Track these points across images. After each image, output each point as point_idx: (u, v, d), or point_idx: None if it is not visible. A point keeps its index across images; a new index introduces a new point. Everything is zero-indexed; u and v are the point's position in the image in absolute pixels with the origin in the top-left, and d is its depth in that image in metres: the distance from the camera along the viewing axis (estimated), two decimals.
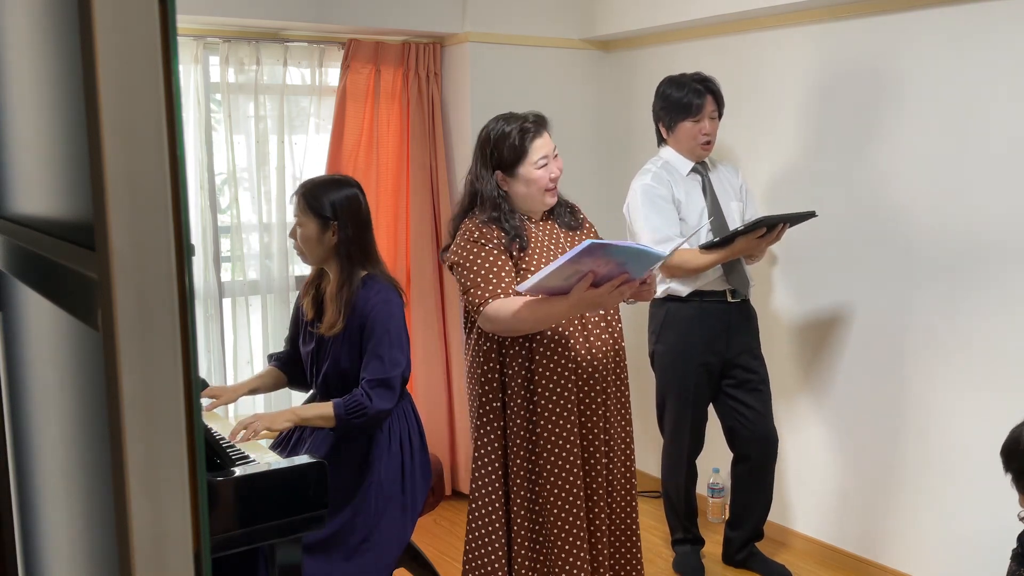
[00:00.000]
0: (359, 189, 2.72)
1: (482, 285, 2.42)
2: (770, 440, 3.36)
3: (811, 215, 3.17)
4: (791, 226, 3.18)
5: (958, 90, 3.02)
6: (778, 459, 3.47)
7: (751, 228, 3.06)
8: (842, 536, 3.54)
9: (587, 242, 2.07)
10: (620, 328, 2.62)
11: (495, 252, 2.46)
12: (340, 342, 2.66)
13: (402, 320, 2.69)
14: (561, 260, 2.11)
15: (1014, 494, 2.14)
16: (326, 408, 2.61)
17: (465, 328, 2.61)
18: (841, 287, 3.45)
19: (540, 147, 2.50)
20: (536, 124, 2.53)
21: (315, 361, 2.74)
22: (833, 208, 3.40)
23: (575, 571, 2.48)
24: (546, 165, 2.49)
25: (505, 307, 2.37)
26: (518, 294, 2.42)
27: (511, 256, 2.48)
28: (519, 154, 2.49)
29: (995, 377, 3.01)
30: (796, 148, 3.56)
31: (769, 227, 3.09)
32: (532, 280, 2.22)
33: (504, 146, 2.50)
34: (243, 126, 3.80)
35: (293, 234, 2.70)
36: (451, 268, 2.53)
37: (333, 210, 2.63)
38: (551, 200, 2.55)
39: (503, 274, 2.44)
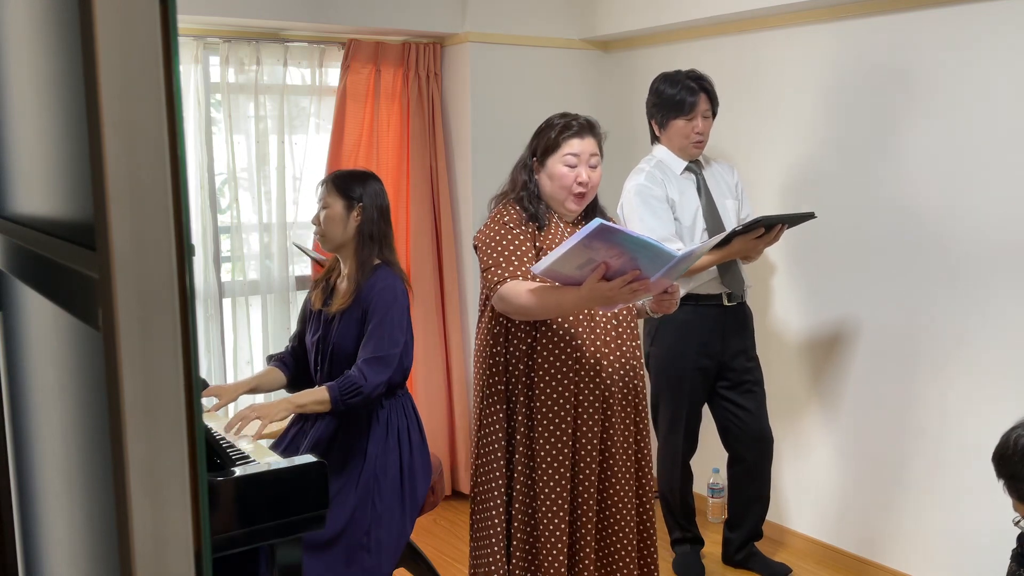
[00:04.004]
0: (382, 185, 2.85)
1: (503, 264, 2.46)
2: (764, 440, 3.36)
3: (810, 216, 3.15)
4: (789, 227, 3.17)
5: (967, 90, 3.02)
6: (778, 459, 3.46)
7: (748, 228, 3.03)
8: (842, 536, 3.54)
9: (597, 220, 2.06)
10: (635, 344, 2.62)
11: (520, 237, 2.50)
12: (345, 325, 2.69)
13: (405, 308, 2.73)
14: (573, 240, 2.11)
15: None
16: (320, 392, 2.62)
17: (479, 309, 2.65)
18: (843, 288, 3.45)
19: (573, 146, 2.52)
20: (582, 125, 2.55)
21: (320, 349, 2.76)
22: (835, 209, 3.40)
23: (557, 564, 2.50)
24: (574, 167, 2.50)
25: (518, 288, 2.40)
26: (535, 278, 2.44)
27: (534, 245, 2.51)
28: (552, 146, 2.54)
29: (996, 377, 3.01)
30: (797, 149, 3.56)
31: (767, 227, 3.06)
32: (545, 261, 2.22)
33: (546, 135, 2.57)
34: (243, 126, 3.80)
35: (316, 220, 2.78)
36: (476, 248, 2.58)
37: (360, 193, 2.74)
38: (573, 205, 2.54)
39: (525, 259, 2.48)
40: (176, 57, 0.83)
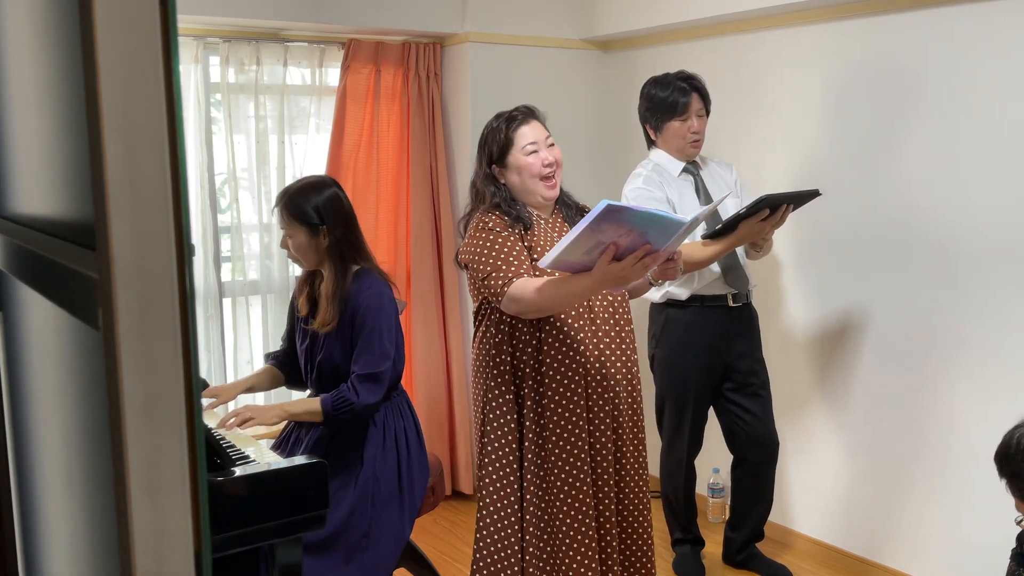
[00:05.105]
0: (337, 186, 2.73)
1: (503, 268, 2.41)
2: (770, 444, 3.35)
3: (815, 194, 3.07)
4: (795, 208, 3.08)
5: (969, 89, 3.02)
6: (783, 460, 3.45)
7: (753, 210, 2.94)
8: (844, 537, 3.54)
9: (604, 202, 2.03)
10: (630, 330, 2.61)
11: (510, 239, 2.46)
12: (333, 336, 2.67)
13: (393, 313, 2.69)
14: (580, 226, 2.08)
15: None
16: (314, 404, 2.63)
17: (475, 322, 2.60)
18: (849, 288, 3.45)
19: (527, 134, 2.50)
20: (523, 113, 2.54)
21: (309, 358, 2.75)
22: (838, 208, 3.40)
23: (584, 571, 2.49)
24: (536, 152, 2.49)
25: (528, 286, 2.36)
26: (540, 272, 2.42)
27: (525, 247, 2.48)
28: (506, 143, 2.51)
29: (1002, 378, 3.00)
30: (798, 149, 3.56)
31: (772, 209, 2.97)
32: (553, 252, 2.18)
33: (494, 140, 2.54)
34: (243, 126, 3.80)
35: (285, 244, 2.71)
36: (466, 266, 2.53)
37: (319, 214, 2.64)
38: (549, 191, 2.52)
39: (522, 257, 2.45)
40: (176, 57, 0.83)
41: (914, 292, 3.21)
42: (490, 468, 2.55)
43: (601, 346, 2.52)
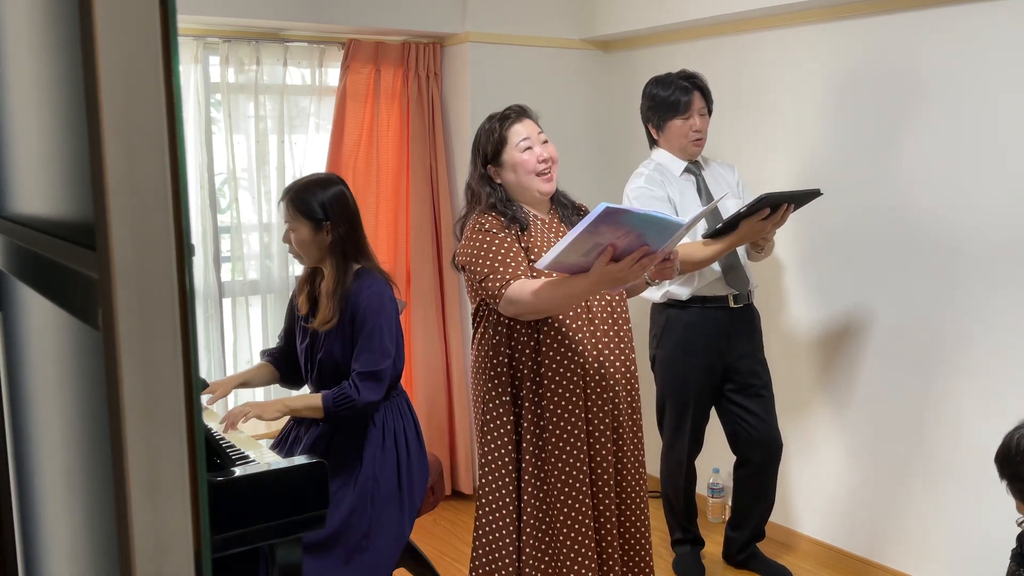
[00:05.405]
0: (344, 184, 2.74)
1: (500, 270, 2.41)
2: (773, 445, 3.34)
3: (816, 194, 3.05)
4: (797, 207, 3.07)
5: (971, 88, 3.02)
6: (785, 461, 3.44)
7: (754, 209, 2.92)
8: (845, 537, 3.54)
9: (602, 205, 2.03)
10: (628, 329, 2.61)
11: (507, 240, 2.46)
12: (333, 335, 2.67)
13: (394, 312, 2.70)
14: (578, 228, 2.08)
15: None
16: (315, 399, 2.63)
17: (473, 323, 2.60)
18: (851, 288, 3.45)
19: (519, 131, 2.51)
20: (516, 112, 2.56)
21: (310, 356, 2.75)
22: (840, 209, 3.39)
23: (583, 571, 2.48)
24: (530, 148, 2.50)
25: (526, 288, 2.36)
26: (537, 273, 2.42)
27: (522, 248, 2.48)
28: (500, 142, 2.52)
29: (1006, 379, 3.00)
30: (799, 149, 3.56)
31: (773, 208, 2.96)
32: (551, 254, 2.19)
33: (488, 140, 2.55)
34: (243, 126, 3.80)
35: (287, 239, 2.72)
36: (463, 268, 2.53)
37: (324, 210, 2.64)
38: (545, 186, 2.53)
39: (519, 258, 2.45)
40: (176, 57, 0.83)
41: (916, 292, 3.21)
42: (488, 469, 2.55)
43: (599, 346, 2.52)
